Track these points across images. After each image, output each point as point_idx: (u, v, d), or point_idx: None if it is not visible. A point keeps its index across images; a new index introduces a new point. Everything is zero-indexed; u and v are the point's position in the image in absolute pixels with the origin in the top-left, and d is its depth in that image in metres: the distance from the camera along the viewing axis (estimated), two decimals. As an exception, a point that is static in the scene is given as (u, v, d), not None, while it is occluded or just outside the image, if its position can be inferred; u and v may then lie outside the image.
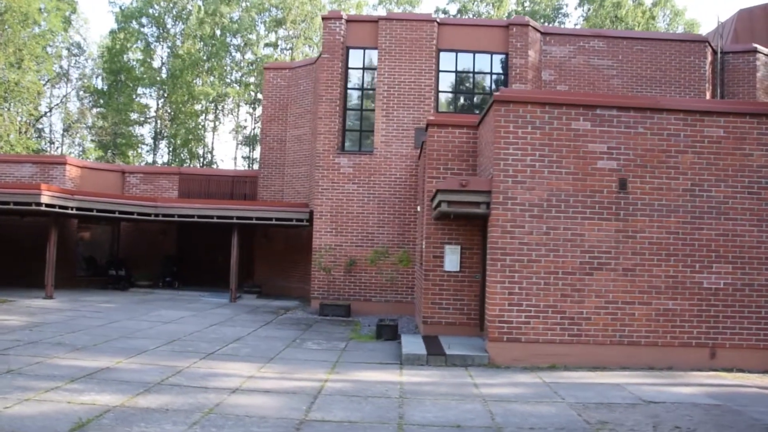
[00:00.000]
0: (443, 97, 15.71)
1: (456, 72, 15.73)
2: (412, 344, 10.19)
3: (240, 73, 36.01)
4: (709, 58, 15.71)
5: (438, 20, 15.62)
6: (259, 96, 34.80)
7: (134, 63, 34.54)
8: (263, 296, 18.30)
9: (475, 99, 15.80)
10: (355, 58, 15.91)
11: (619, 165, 9.62)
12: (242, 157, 38.26)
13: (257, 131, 37.51)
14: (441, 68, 15.61)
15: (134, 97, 34.02)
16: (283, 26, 33.52)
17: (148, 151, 36.77)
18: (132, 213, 16.41)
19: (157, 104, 35.52)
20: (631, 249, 9.55)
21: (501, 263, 9.53)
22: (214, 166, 36.08)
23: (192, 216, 16.62)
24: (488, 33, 15.55)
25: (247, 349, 10.25)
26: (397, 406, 7.09)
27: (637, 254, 9.55)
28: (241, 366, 8.94)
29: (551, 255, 9.55)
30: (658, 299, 9.51)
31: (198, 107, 35.07)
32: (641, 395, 7.81)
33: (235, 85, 35.50)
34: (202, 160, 36.52)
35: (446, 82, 15.76)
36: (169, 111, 35.01)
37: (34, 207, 14.27)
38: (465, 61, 15.70)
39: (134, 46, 34.56)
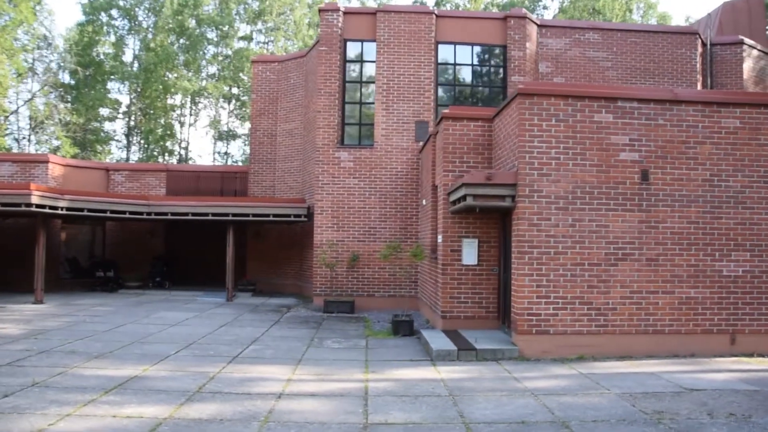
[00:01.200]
0: (442, 90, 15.63)
1: (455, 64, 15.67)
2: (438, 340, 10.13)
3: (218, 67, 34.99)
4: (699, 49, 16.08)
5: (436, 12, 15.51)
6: (234, 90, 34.04)
7: (103, 57, 33.22)
8: (258, 294, 17.96)
9: (474, 92, 15.77)
10: (353, 50, 15.68)
11: (641, 156, 9.74)
12: (217, 152, 37.44)
13: (233, 126, 36.82)
14: (439, 61, 15.53)
15: (105, 92, 32.73)
16: (262, 18, 32.78)
17: (120, 148, 35.64)
18: (124, 212, 15.84)
19: (130, 99, 34.37)
20: (654, 239, 9.70)
21: (528, 256, 9.54)
22: (190, 162, 35.18)
23: (186, 214, 16.15)
24: (486, 25, 15.53)
25: (270, 351, 10.01)
26: (451, 404, 7.02)
27: (659, 244, 9.71)
28: (272, 369, 8.72)
29: (577, 247, 9.62)
30: (680, 288, 9.70)
31: (173, 102, 34.06)
32: (679, 383, 7.94)
33: (209, 79, 34.53)
34: (177, 156, 35.57)
35: (445, 75, 15.71)
36: (141, 106, 33.81)
37: (23, 208, 13.63)
38: (463, 54, 15.66)
39: (104, 39, 33.26)
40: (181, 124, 36.08)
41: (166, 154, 35.14)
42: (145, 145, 35.19)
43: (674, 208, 9.74)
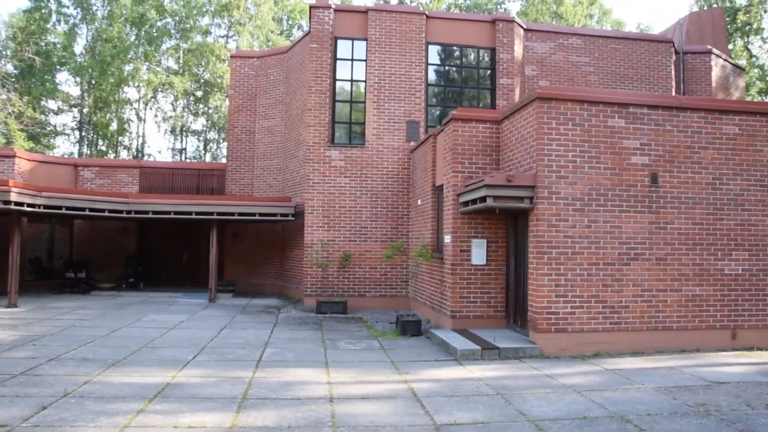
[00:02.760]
0: (432, 91, 15.74)
1: (445, 65, 15.81)
2: (458, 340, 10.23)
3: (179, 61, 33.62)
4: (673, 57, 16.92)
5: (427, 13, 15.60)
6: (190, 85, 32.85)
7: (51, 47, 31.26)
8: (239, 295, 17.54)
9: (463, 93, 15.97)
10: (343, 48, 15.53)
11: (651, 160, 10.18)
12: (170, 149, 36.08)
13: (188, 122, 35.56)
14: (430, 61, 15.64)
15: (53, 83, 30.87)
16: (228, 12, 31.75)
17: (73, 143, 33.73)
18: (103, 210, 15.07)
19: (81, 92, 32.51)
20: (663, 239, 10.16)
21: (547, 256, 9.79)
22: (146, 158, 33.75)
23: (168, 212, 15.54)
24: (475, 27, 15.76)
25: (290, 354, 9.82)
26: (504, 403, 7.13)
27: (668, 244, 10.18)
28: (304, 372, 8.56)
29: (593, 247, 9.95)
30: (687, 286, 10.21)
31: (126, 96, 32.56)
32: (702, 377, 8.37)
33: (164, 73, 33.20)
34: (134, 152, 34.05)
35: (434, 75, 15.82)
36: (93, 99, 32.04)
37: (1, 206, 12.74)
38: (453, 55, 15.83)
39: (52, 28, 31.31)
40: (140, 119, 34.60)
41: (122, 149, 33.63)
42: (98, 140, 33.49)
43: (681, 210, 10.24)
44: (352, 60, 15.54)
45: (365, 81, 15.36)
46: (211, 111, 34.68)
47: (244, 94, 18.54)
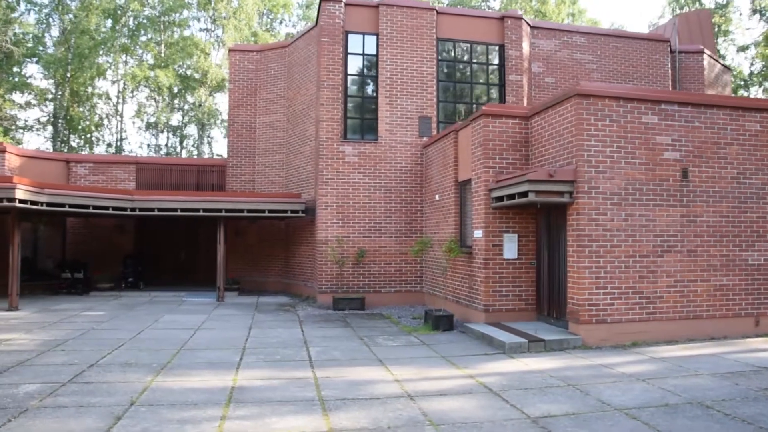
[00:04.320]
0: (442, 87, 15.77)
1: (455, 61, 15.87)
2: (501, 333, 10.33)
3: (162, 54, 32.47)
4: (670, 56, 17.48)
5: (437, 9, 15.62)
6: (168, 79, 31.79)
7: (19, 38, 29.67)
8: (244, 293, 17.22)
9: (473, 89, 16.07)
10: (354, 43, 15.39)
11: (681, 156, 10.51)
12: (148, 145, 34.91)
13: (167, 118, 34.47)
14: (440, 57, 15.67)
15: (21, 76, 29.35)
16: (212, 6, 30.84)
17: (47, 138, 32.13)
18: (107, 208, 14.50)
19: (56, 85, 31.01)
20: (693, 232, 10.52)
21: (588, 249, 10.00)
22: (131, 153, 32.55)
23: (175, 209, 15.09)
24: (484, 24, 15.88)
25: (336, 352, 9.69)
26: (581, 393, 7.25)
27: (697, 236, 10.54)
28: (364, 371, 8.47)
29: (630, 240, 10.21)
30: (715, 276, 10.61)
31: (108, 90, 31.32)
32: (748, 362, 8.72)
33: (149, 68, 32.02)
34: (114, 147, 32.77)
35: (445, 71, 15.86)
36: (67, 93, 30.62)
37: (5, 203, 12.11)
38: (463, 51, 15.91)
39: (20, 18, 29.73)
40: (120, 114, 33.33)
41: (103, 144, 32.33)
42: (69, 136, 32.09)
43: (709, 204, 10.62)
44: (363, 55, 15.42)
45: (377, 76, 15.27)
46: (187, 107, 33.80)
47: (243, 88, 18.16)
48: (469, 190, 12.50)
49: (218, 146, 53.91)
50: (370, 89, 15.45)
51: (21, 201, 12.39)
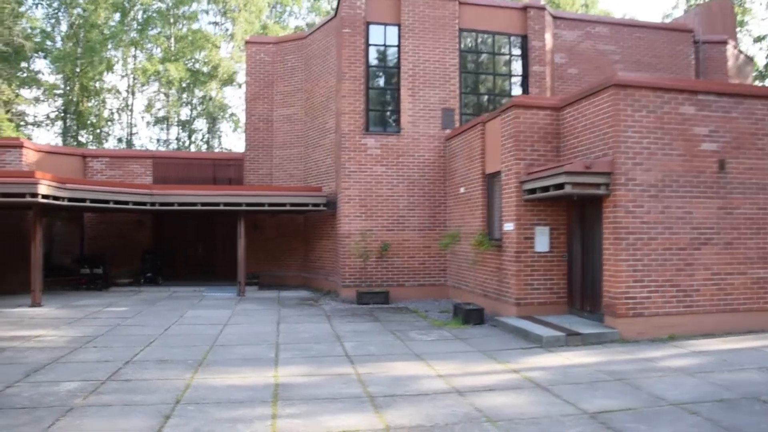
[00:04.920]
0: (465, 78, 15.56)
1: (477, 52, 15.67)
2: (537, 327, 10.20)
3: (161, 49, 32.16)
4: (693, 47, 17.26)
5: (459, -1, 15.42)
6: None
7: (29, 33, 29.38)
8: (264, 288, 17.10)
9: (496, 81, 15.87)
10: (376, 34, 15.18)
11: (719, 147, 10.33)
12: (157, 139, 34.71)
13: (177, 112, 34.25)
14: (462, 48, 15.46)
15: (31, 72, 29.09)
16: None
17: (57, 134, 31.92)
18: (127, 202, 14.36)
19: (64, 80, 30.74)
20: (730, 224, 10.36)
21: (625, 242, 9.85)
22: (141, 148, 32.33)
23: (195, 204, 14.93)
24: (506, 14, 15.66)
25: (372, 347, 9.56)
26: (631, 388, 7.12)
27: (734, 229, 10.39)
28: (404, 366, 8.34)
29: (666, 232, 10.06)
30: (752, 269, 10.45)
31: (117, 84, 31.08)
32: (793, 357, 8.61)
33: (159, 61, 31.73)
34: (124, 142, 32.59)
35: (467, 62, 15.65)
36: (78, 88, 30.33)
37: (28, 198, 11.97)
38: (485, 42, 15.70)
39: (28, 13, 29.44)
40: (130, 109, 33.07)
41: (113, 139, 32.12)
42: (78, 131, 31.87)
43: (746, 196, 10.46)
44: (385, 46, 15.21)
45: (399, 67, 15.07)
46: (195, 101, 33.55)
47: (260, 81, 17.96)
48: (498, 183, 12.33)
49: (227, 140, 53.75)
50: (392, 81, 15.25)
51: (44, 196, 12.24)
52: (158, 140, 34.18)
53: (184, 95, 33.19)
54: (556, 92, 16.37)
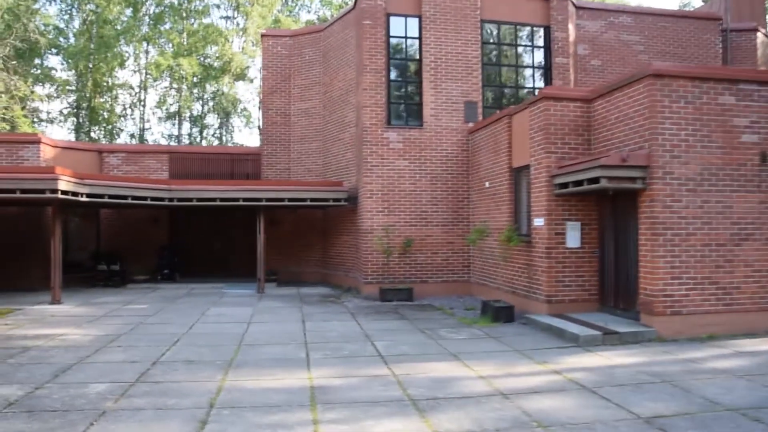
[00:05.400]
0: (487, 70, 15.23)
1: (499, 44, 15.34)
2: (572, 326, 9.93)
3: (172, 44, 31.88)
4: (720, 35, 16.86)
5: (481, -11, 15.06)
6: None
7: (43, 29, 29.16)
8: (283, 284, 16.88)
9: (518, 73, 15.52)
10: (396, 26, 14.86)
11: (760, 139, 9.99)
12: (168, 135, 34.45)
13: (189, 107, 34.01)
14: (484, 39, 15.13)
15: (44, 68, 28.89)
16: None
17: (70, 130, 31.78)
18: (146, 198, 14.13)
19: (77, 76, 30.55)
20: (771, 219, 10.04)
21: (663, 238, 9.55)
22: (154, 143, 32.14)
23: (214, 199, 14.71)
24: (528, 5, 15.30)
25: (404, 347, 9.29)
26: (681, 391, 6.83)
27: (776, 224, 10.06)
28: (442, 366, 8.07)
29: (705, 228, 9.75)
30: (794, 265, 10.13)
31: (128, 79, 30.84)
32: (843, 357, 8.30)
33: (172, 56, 31.47)
34: (137, 137, 32.37)
35: (489, 53, 15.32)
36: (92, 83, 30.11)
37: (48, 195, 11.76)
38: (507, 33, 15.37)
39: (41, 10, 29.20)
40: (143, 104, 32.88)
41: (125, 135, 31.93)
42: (90, 127, 31.69)
43: (787, 189, 10.12)
44: (406, 37, 14.90)
45: (420, 60, 14.76)
46: (206, 97, 33.29)
47: (277, 74, 17.69)
48: (527, 177, 12.04)
49: (239, 136, 53.50)
50: (413, 73, 14.94)
51: (63, 192, 12.03)
52: (169, 136, 34.03)
53: (195, 90, 32.95)
54: (578, 85, 16.02)
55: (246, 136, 61.15)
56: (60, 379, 7.41)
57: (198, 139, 34.34)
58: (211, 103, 33.68)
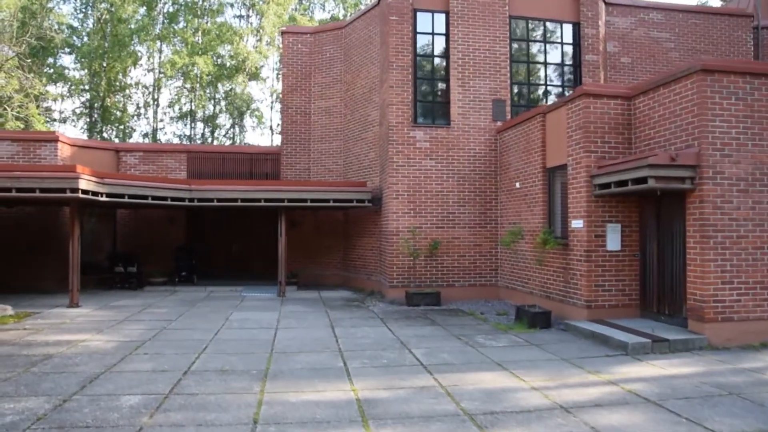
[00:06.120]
0: (515, 67, 14.82)
1: (528, 40, 14.92)
2: (618, 333, 9.49)
3: (185, 43, 31.54)
4: (752, 32, 16.41)
5: (509, -16, 14.65)
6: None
7: (58, 28, 28.83)
8: (303, 287, 16.47)
9: (548, 69, 15.10)
10: (423, 22, 14.46)
11: (813, 137, 9.56)
12: (180, 135, 34.06)
13: (202, 107, 33.67)
14: (512, 36, 14.71)
15: (58, 67, 28.55)
16: None
17: (83, 130, 31.48)
18: (166, 198, 13.76)
19: (91, 75, 30.20)
20: (825, 221, 9.59)
21: (713, 240, 9.12)
22: (168, 143, 31.81)
23: (235, 200, 14.32)
24: (558, 1, 14.87)
25: (444, 355, 8.87)
26: (754, 404, 6.40)
27: (830, 226, 9.62)
28: (490, 377, 7.65)
29: (757, 230, 9.32)
30: None
31: (141, 79, 30.50)
32: None
33: (187, 55, 31.11)
34: (150, 137, 32.02)
35: (518, 51, 14.90)
36: (105, 83, 29.77)
37: (68, 194, 11.40)
38: (536, 30, 14.95)
39: (55, 9, 28.86)
40: (156, 104, 32.49)
41: (136, 133, 31.56)
42: (103, 127, 31.36)
43: (842, 190, 9.68)
44: (433, 34, 14.50)
45: (448, 56, 14.35)
46: (219, 97, 32.93)
47: (297, 72, 17.30)
48: (563, 177, 11.62)
49: (250, 136, 53.08)
50: (440, 71, 14.53)
51: (83, 192, 11.67)
52: (181, 136, 33.67)
53: (207, 90, 32.59)
54: (608, 82, 15.59)
55: (257, 136, 60.77)
56: (88, 390, 7.01)
57: (210, 139, 33.99)
58: (223, 103, 33.35)
